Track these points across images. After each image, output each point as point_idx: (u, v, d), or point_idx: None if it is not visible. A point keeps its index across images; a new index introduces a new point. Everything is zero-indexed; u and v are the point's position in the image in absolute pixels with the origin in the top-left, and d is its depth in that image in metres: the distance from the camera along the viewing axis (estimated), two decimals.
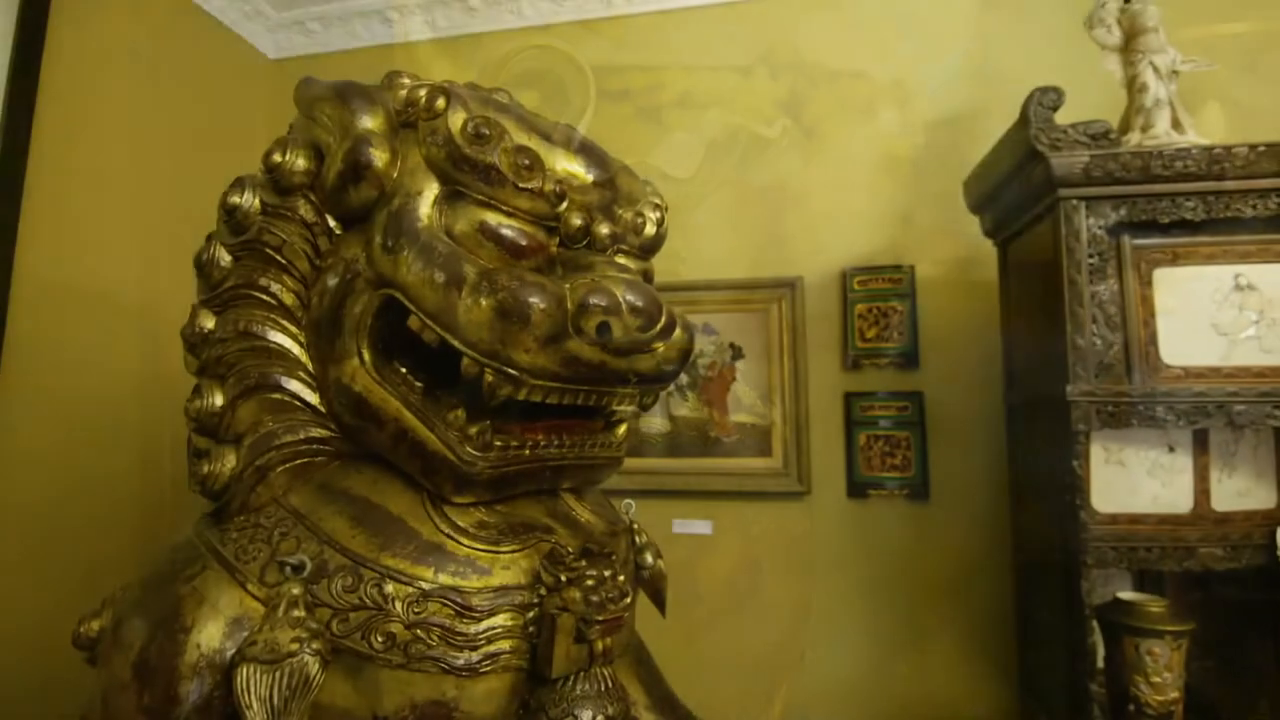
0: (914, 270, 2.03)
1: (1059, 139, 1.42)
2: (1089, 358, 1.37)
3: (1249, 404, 1.33)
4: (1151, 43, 1.58)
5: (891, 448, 1.97)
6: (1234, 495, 1.46)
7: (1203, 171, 1.37)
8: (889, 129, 2.15)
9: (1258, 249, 1.40)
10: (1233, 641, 1.57)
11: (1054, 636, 1.48)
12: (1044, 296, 1.49)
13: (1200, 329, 1.39)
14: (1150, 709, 1.35)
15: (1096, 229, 1.41)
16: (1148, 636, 1.34)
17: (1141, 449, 1.43)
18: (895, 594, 1.98)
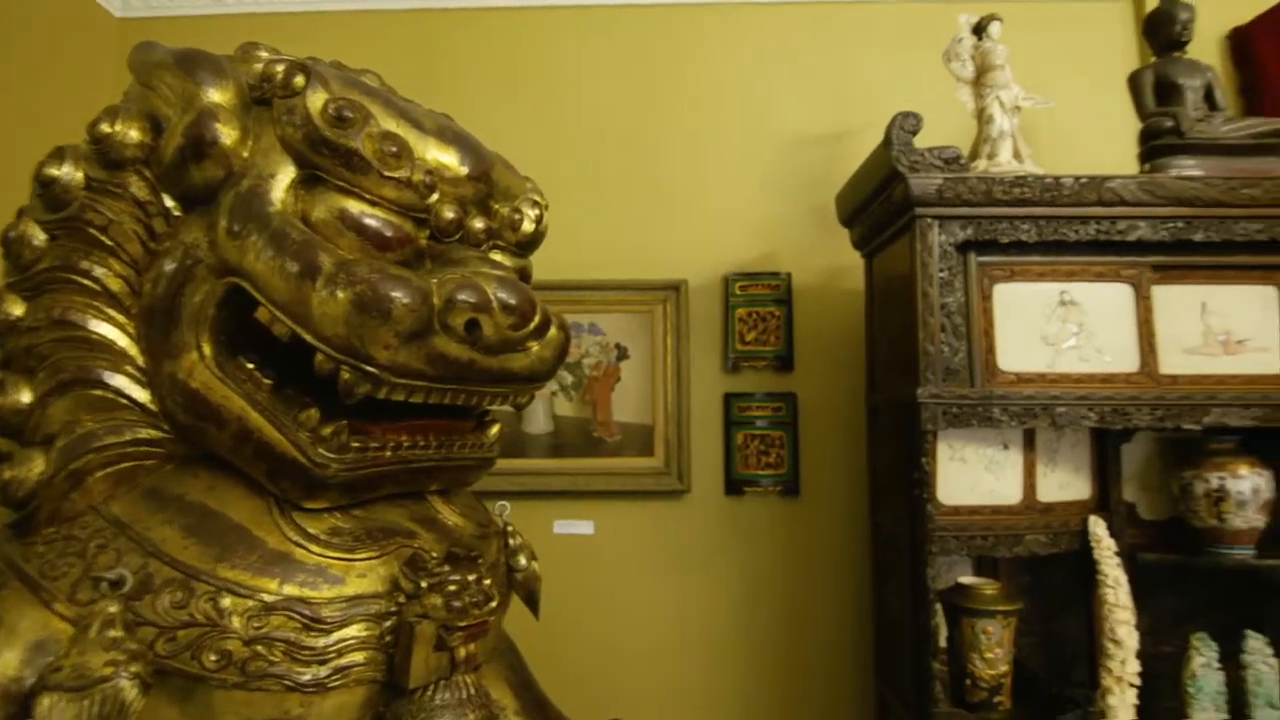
0: (791, 278, 2.13)
1: (917, 161, 1.54)
2: (937, 363, 1.50)
3: (1068, 406, 1.50)
4: (999, 79, 1.74)
5: (767, 446, 2.05)
6: (1056, 488, 1.63)
7: (1036, 198, 1.53)
8: (772, 142, 2.25)
9: (1079, 269, 1.58)
10: (1053, 618, 1.77)
11: (903, 621, 1.59)
12: (901, 306, 1.61)
13: (1031, 339, 1.55)
14: (984, 682, 1.49)
15: (947, 245, 1.53)
16: (982, 617, 1.49)
17: (980, 446, 1.57)
18: (768, 587, 2.07)
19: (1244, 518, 1.57)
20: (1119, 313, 1.57)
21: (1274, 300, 1.60)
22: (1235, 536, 1.59)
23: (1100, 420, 1.50)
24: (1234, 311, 1.59)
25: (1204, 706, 1.58)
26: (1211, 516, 1.59)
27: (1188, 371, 1.56)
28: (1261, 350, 1.58)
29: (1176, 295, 1.58)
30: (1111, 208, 1.53)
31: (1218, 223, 1.54)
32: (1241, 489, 1.57)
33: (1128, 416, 1.51)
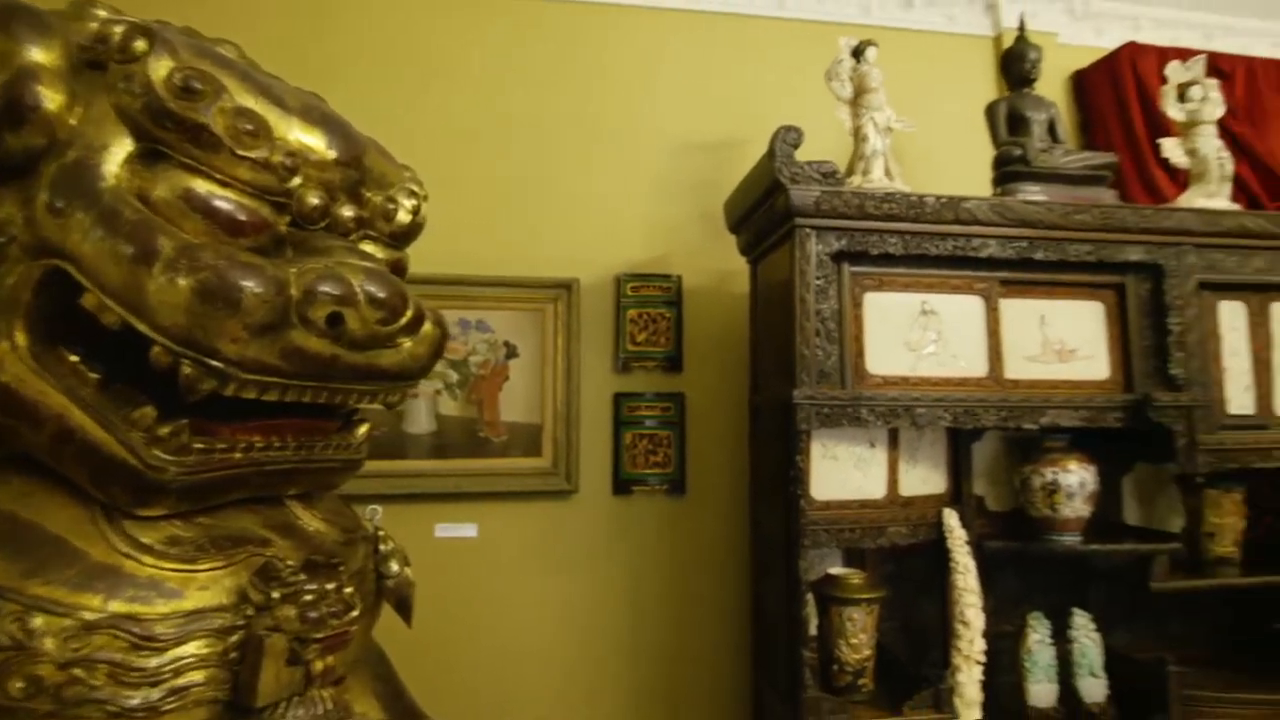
0: (681, 280, 2.17)
1: (798, 173, 1.61)
2: (812, 366, 1.57)
3: (927, 407, 1.62)
4: (874, 101, 1.85)
5: (655, 446, 2.09)
6: (917, 482, 1.76)
7: (903, 214, 1.64)
8: (665, 146, 2.29)
9: (939, 281, 1.71)
10: (913, 604, 1.90)
11: (779, 613, 1.66)
12: (782, 311, 1.68)
13: (896, 345, 1.66)
14: (849, 666, 1.58)
15: (823, 255, 1.61)
16: (849, 605, 1.58)
17: (850, 445, 1.67)
18: (655, 584, 2.10)
19: (1073, 508, 1.76)
20: (972, 322, 1.71)
21: (1101, 315, 1.80)
22: (1065, 525, 1.77)
23: (954, 420, 1.64)
24: (1067, 324, 1.77)
25: (1038, 678, 1.76)
26: (1046, 507, 1.77)
27: (1028, 377, 1.73)
28: (1089, 359, 1.77)
29: (1020, 308, 1.75)
30: (967, 226, 1.67)
31: (1055, 244, 1.72)
32: (1071, 482, 1.75)
33: (977, 417, 1.65)
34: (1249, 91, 2.59)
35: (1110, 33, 2.77)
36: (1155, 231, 1.75)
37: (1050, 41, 2.68)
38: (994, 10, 2.64)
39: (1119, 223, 1.73)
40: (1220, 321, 1.81)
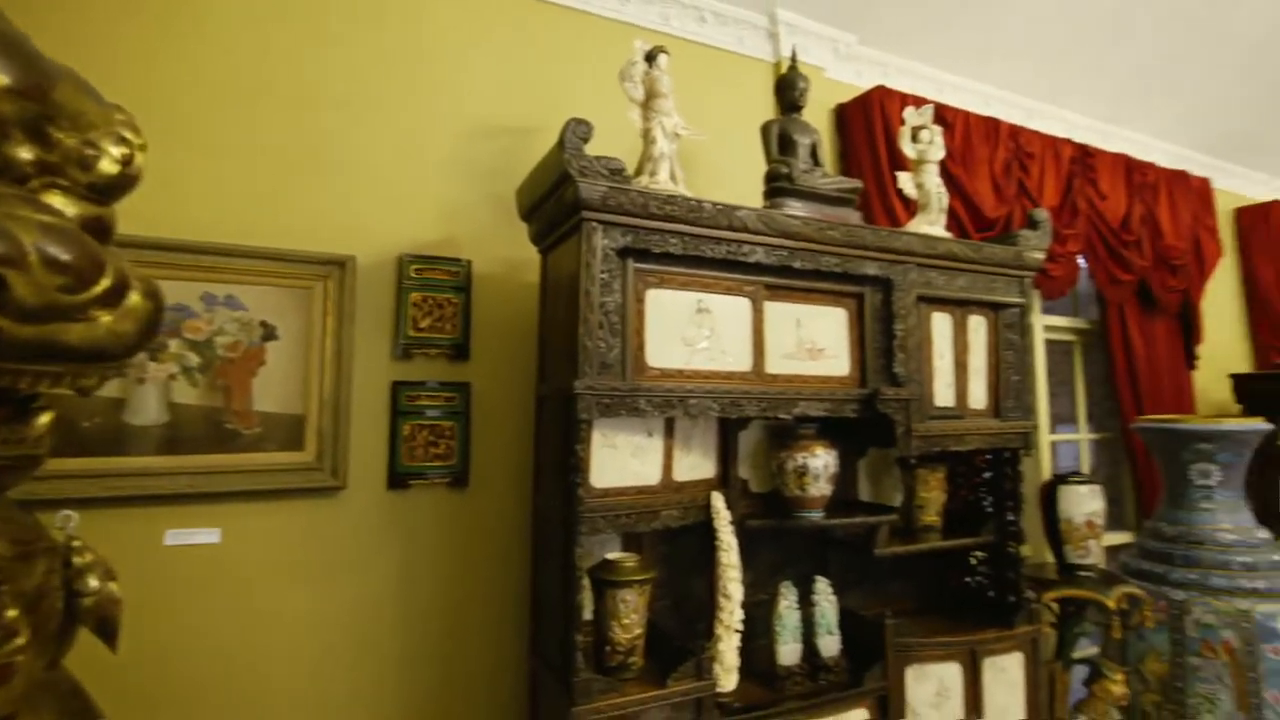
0: (471, 265, 2.11)
1: (586, 167, 1.63)
2: (594, 358, 1.61)
3: (699, 399, 1.73)
4: (663, 105, 1.93)
5: (436, 437, 2.00)
6: (689, 468, 1.88)
7: (683, 217, 1.73)
8: (461, 126, 2.19)
9: (713, 282, 1.83)
10: (684, 582, 2.03)
11: (556, 599, 1.68)
12: (568, 303, 1.70)
13: (673, 340, 1.76)
14: (621, 646, 1.65)
15: (609, 250, 1.65)
16: (622, 587, 1.64)
17: (629, 434, 1.73)
18: (432, 579, 2.01)
19: (818, 488, 1.99)
20: (740, 322, 1.86)
21: (844, 320, 2.05)
22: (812, 502, 2.00)
23: (722, 411, 1.77)
24: (818, 326, 2.00)
25: (786, 640, 1.97)
26: (797, 488, 1.99)
27: (785, 372, 1.92)
28: (834, 358, 2.02)
29: (781, 310, 1.94)
30: (739, 233, 1.81)
31: (811, 255, 1.92)
32: (817, 465, 1.98)
33: (742, 408, 1.80)
34: (964, 140, 3.12)
35: (867, 75, 3.18)
36: (887, 250, 2.04)
37: (819, 75, 3.01)
38: (775, 40, 2.90)
39: (860, 240, 1.98)
40: (933, 329, 2.16)
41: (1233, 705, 2.43)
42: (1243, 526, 2.68)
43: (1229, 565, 2.57)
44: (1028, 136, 3.28)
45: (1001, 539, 2.26)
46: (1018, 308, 2.30)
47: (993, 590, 2.28)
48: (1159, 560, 2.73)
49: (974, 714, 2.07)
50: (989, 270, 2.23)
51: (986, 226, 3.01)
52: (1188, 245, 3.80)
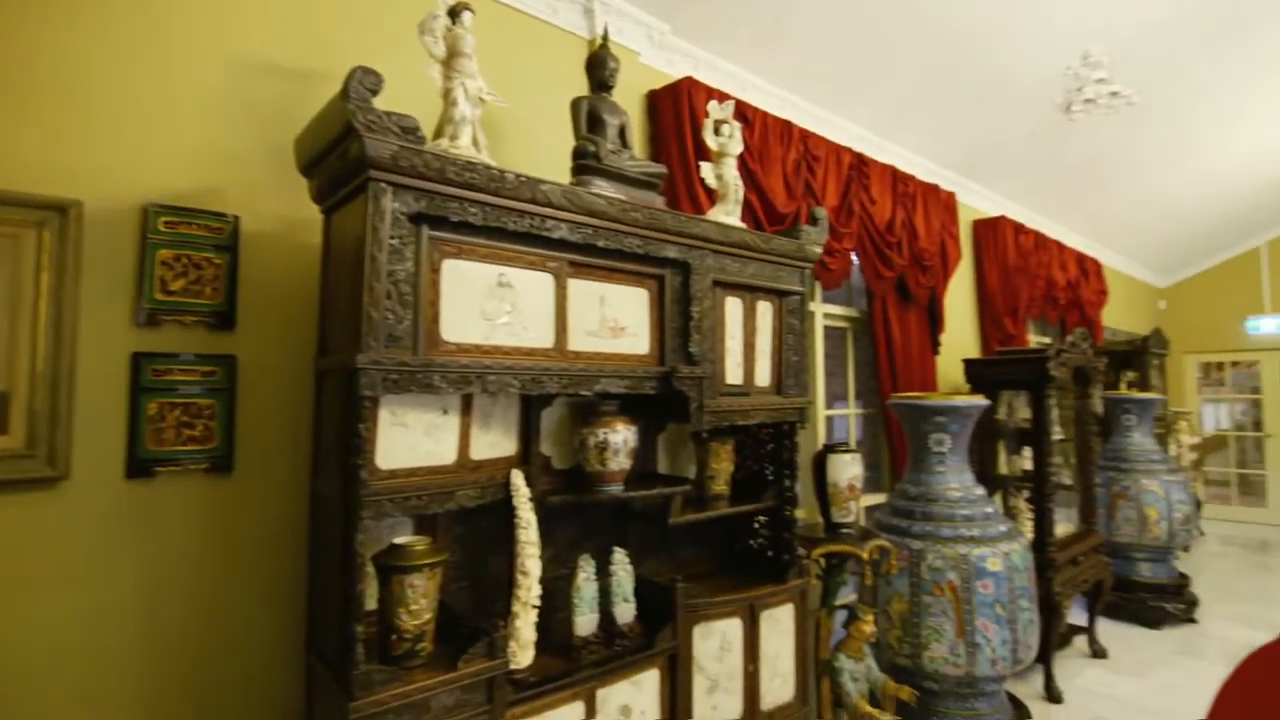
0: (239, 222, 1.85)
1: (374, 122, 1.50)
2: (381, 330, 1.50)
3: (499, 375, 1.69)
4: (466, 66, 1.83)
5: (192, 417, 1.75)
6: (488, 446, 1.84)
7: (484, 186, 1.66)
8: (230, 57, 1.91)
9: (516, 256, 1.79)
10: (482, 562, 2.00)
11: (336, 591, 1.56)
12: (353, 270, 1.56)
13: (472, 314, 1.69)
14: (408, 634, 1.57)
15: (400, 214, 1.54)
16: (410, 572, 1.56)
17: (422, 412, 1.65)
18: (186, 578, 1.77)
19: (618, 462, 2.04)
20: (543, 298, 1.84)
21: (646, 300, 2.11)
22: (612, 476, 2.05)
23: (523, 388, 1.74)
24: (621, 305, 2.04)
25: (583, 611, 2.01)
26: (598, 462, 2.02)
27: (587, 350, 1.94)
28: (635, 336, 2.07)
29: (584, 288, 1.95)
30: (543, 207, 1.78)
31: (614, 235, 1.95)
32: (617, 440, 2.03)
33: (543, 385, 1.79)
34: (762, 138, 3.36)
35: (678, 65, 3.29)
36: (686, 235, 2.13)
37: (633, 59, 3.06)
38: (590, 16, 2.89)
39: (661, 224, 2.05)
40: (726, 312, 2.31)
41: (954, 634, 2.92)
42: (966, 485, 3.22)
43: (954, 518, 3.08)
44: (815, 141, 3.62)
45: (780, 504, 2.50)
46: (799, 295, 2.54)
47: (771, 550, 2.52)
48: (903, 516, 3.19)
49: (751, 662, 2.28)
50: (775, 260, 2.43)
51: (778, 220, 3.28)
52: (936, 249, 4.45)
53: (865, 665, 2.68)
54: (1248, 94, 5.24)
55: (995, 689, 3.05)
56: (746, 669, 2.27)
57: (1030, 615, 3.01)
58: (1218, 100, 5.20)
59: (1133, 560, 5.26)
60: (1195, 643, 4.76)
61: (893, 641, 3.05)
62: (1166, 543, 5.16)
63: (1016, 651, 2.93)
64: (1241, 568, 6.87)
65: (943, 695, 3.01)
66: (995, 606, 2.90)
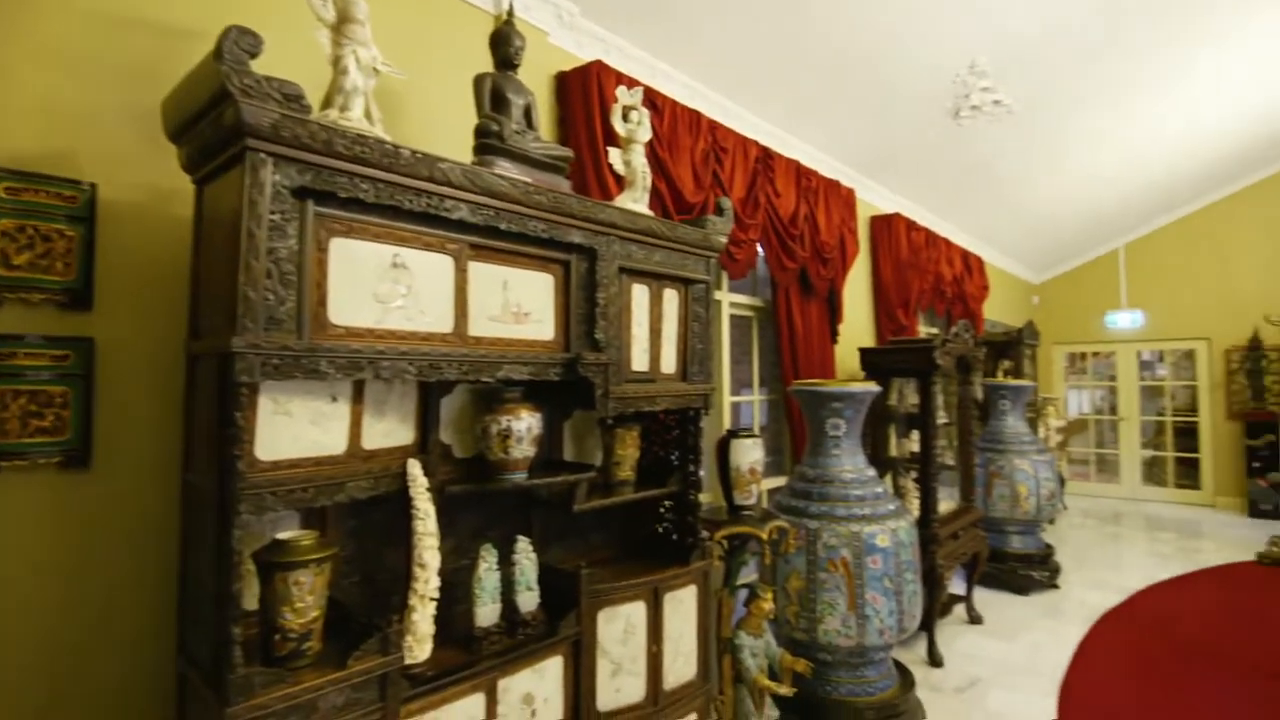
0: (96, 190, 1.68)
1: (252, 86, 1.39)
2: (260, 311, 1.40)
3: (392, 361, 1.62)
4: (357, 34, 1.73)
5: (41, 406, 1.57)
6: (381, 435, 1.76)
7: (376, 161, 1.58)
8: (85, 4, 1.72)
9: (412, 236, 1.71)
10: (376, 555, 1.92)
11: (210, 591, 1.46)
12: (228, 246, 1.44)
13: (363, 296, 1.61)
14: (293, 633, 1.49)
15: (282, 187, 1.44)
16: (295, 569, 1.48)
17: (308, 399, 1.56)
18: (34, 586, 1.60)
19: (521, 450, 2.01)
20: (442, 281, 1.78)
21: (551, 285, 2.08)
22: (516, 464, 2.02)
23: (419, 374, 1.68)
24: (525, 290, 2.00)
25: (485, 601, 1.97)
26: (501, 450, 1.99)
27: (489, 335, 1.89)
28: (539, 322, 2.04)
29: (487, 272, 1.90)
30: (441, 186, 1.71)
31: (517, 218, 1.91)
32: (521, 428, 2.00)
33: (441, 370, 1.73)
34: (671, 127, 3.38)
35: (588, 48, 3.26)
36: (593, 221, 2.11)
37: (542, 38, 3.00)
38: None
39: (567, 209, 2.02)
40: (632, 299, 2.31)
41: (846, 608, 3.08)
42: (859, 467, 3.39)
43: (848, 498, 3.24)
44: (724, 132, 3.68)
45: (684, 488, 2.55)
46: (704, 284, 2.58)
47: (676, 534, 2.57)
48: (802, 497, 3.33)
49: (655, 644, 2.32)
50: (681, 248, 2.45)
51: (686, 209, 3.32)
52: (836, 242, 4.65)
53: (764, 641, 2.78)
54: (1113, 111, 5.77)
55: (883, 657, 3.26)
56: (650, 650, 2.30)
57: (915, 587, 3.22)
58: (1088, 115, 5.70)
59: (1006, 533, 5.73)
60: (1058, 606, 5.25)
61: (790, 617, 3.19)
62: (1035, 517, 5.65)
63: (902, 621, 3.13)
64: (1098, 538, 7.63)
65: (835, 665, 3.18)
66: (884, 580, 3.09)
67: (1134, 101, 5.71)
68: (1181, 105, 6.02)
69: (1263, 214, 8.81)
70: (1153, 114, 6.06)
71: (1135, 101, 5.72)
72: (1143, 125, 6.26)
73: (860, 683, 3.18)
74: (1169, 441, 9.65)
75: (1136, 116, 6.03)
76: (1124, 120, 6.02)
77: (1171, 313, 9.48)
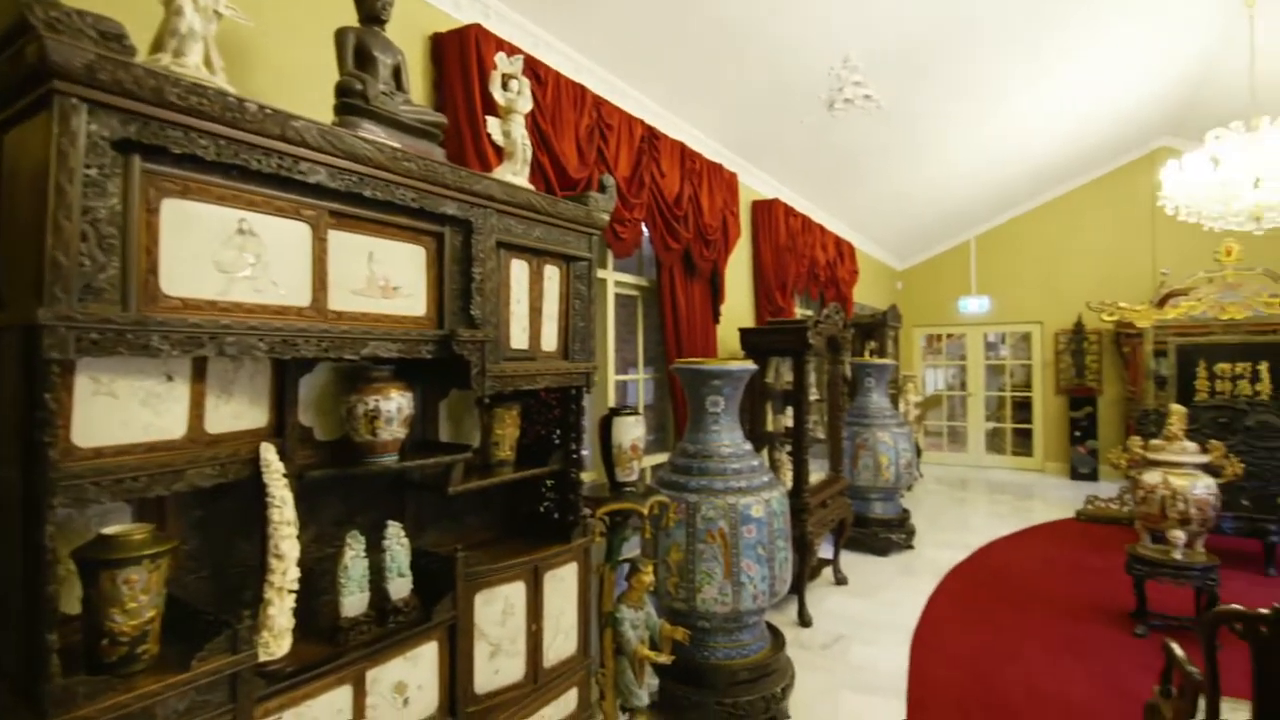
0: None
1: (60, 20, 1.21)
2: (74, 279, 1.24)
3: (239, 336, 1.48)
4: None
5: None
6: (229, 418, 1.62)
7: (218, 115, 1.43)
8: None
9: (262, 200, 1.57)
10: (227, 548, 1.78)
11: (20, 594, 1.29)
12: (33, 204, 1.26)
13: (203, 264, 1.46)
14: (124, 636, 1.35)
15: (100, 139, 1.27)
16: (123, 566, 1.33)
17: (136, 379, 1.40)
18: None
19: (390, 431, 1.92)
20: (297, 250, 1.65)
21: (423, 258, 1.99)
22: (385, 446, 1.93)
23: (270, 350, 1.55)
24: (393, 263, 1.90)
25: (352, 590, 1.88)
26: (368, 432, 1.89)
27: (353, 309, 1.78)
28: (410, 296, 1.95)
29: (349, 242, 1.78)
30: (295, 147, 1.58)
31: (384, 185, 1.80)
32: (390, 408, 1.91)
33: (297, 347, 1.61)
34: (555, 100, 3.31)
35: (467, 10, 3.11)
36: (468, 192, 2.03)
37: None
38: None
39: (439, 178, 1.93)
40: (511, 275, 2.26)
41: (723, 576, 3.22)
42: (736, 442, 3.53)
43: (725, 472, 3.37)
44: (609, 109, 3.65)
45: (566, 467, 2.54)
46: (587, 261, 2.56)
47: (557, 513, 2.56)
48: (682, 472, 3.43)
49: (534, 622, 2.31)
50: (563, 224, 2.42)
51: (570, 186, 3.28)
52: (719, 225, 4.77)
53: (645, 613, 2.85)
54: (969, 114, 6.28)
55: (756, 620, 3.43)
56: (530, 629, 2.29)
57: (786, 553, 3.42)
58: (947, 116, 6.16)
59: (869, 500, 6.20)
60: (913, 565, 5.77)
61: (671, 588, 3.29)
62: (895, 484, 6.15)
63: (774, 586, 3.31)
64: (948, 502, 8.43)
65: (713, 631, 3.32)
66: (758, 548, 3.25)
67: (985, 107, 6.25)
68: (1025, 113, 6.66)
69: (1090, 214, 9.97)
70: (1001, 119, 6.66)
71: (986, 107, 6.26)
72: (992, 129, 6.87)
73: (736, 646, 3.33)
74: (1008, 414, 10.81)
75: (987, 120, 6.61)
76: (977, 123, 6.58)
77: (1012, 299, 10.56)
